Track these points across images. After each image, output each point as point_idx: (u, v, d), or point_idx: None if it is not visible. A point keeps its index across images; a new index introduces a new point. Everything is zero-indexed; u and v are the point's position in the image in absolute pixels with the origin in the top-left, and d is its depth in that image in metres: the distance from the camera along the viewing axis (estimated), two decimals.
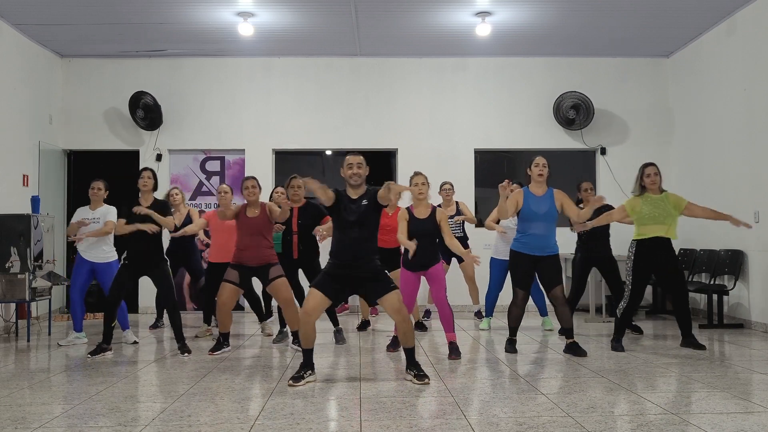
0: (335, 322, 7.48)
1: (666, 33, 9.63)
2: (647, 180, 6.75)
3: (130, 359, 6.49)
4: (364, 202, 5.32)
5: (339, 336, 7.37)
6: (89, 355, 6.57)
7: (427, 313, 9.35)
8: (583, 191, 8.08)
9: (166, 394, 4.97)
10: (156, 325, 8.68)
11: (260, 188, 6.83)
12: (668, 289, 6.80)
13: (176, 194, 8.57)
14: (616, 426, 4.05)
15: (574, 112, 10.38)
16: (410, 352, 5.44)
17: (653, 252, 6.67)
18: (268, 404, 4.65)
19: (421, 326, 8.16)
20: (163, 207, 6.88)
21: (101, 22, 9.02)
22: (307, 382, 5.28)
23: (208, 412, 4.47)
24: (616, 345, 6.76)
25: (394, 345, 6.79)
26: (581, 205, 7.92)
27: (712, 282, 8.79)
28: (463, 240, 8.71)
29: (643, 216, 6.68)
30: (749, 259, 8.42)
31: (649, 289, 10.22)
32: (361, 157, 5.44)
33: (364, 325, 8.37)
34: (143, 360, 6.47)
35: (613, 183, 10.21)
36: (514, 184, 7.13)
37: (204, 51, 10.35)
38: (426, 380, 5.27)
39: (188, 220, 8.48)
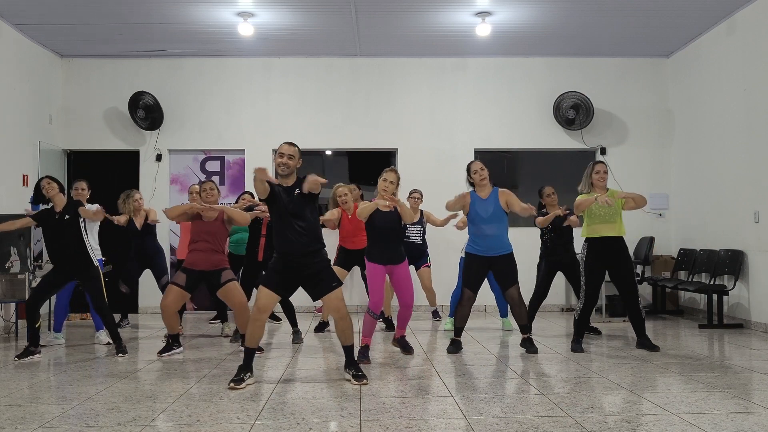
0: (294, 323, 7.54)
1: (666, 33, 9.63)
2: (596, 177, 6.79)
3: (129, 359, 6.49)
4: (297, 191, 5.26)
5: (297, 337, 7.40)
6: (16, 358, 6.48)
7: (435, 314, 9.28)
8: (545, 196, 7.96)
9: (166, 394, 4.97)
10: (119, 325, 8.59)
11: (219, 192, 6.85)
12: (620, 290, 6.80)
13: (139, 200, 8.34)
14: (616, 426, 4.05)
15: (573, 112, 10.38)
16: (348, 350, 5.41)
17: (605, 251, 6.69)
18: (268, 404, 4.65)
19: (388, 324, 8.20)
20: (75, 204, 6.69)
21: (101, 22, 9.02)
22: (247, 384, 5.20)
23: (208, 412, 4.47)
24: (575, 346, 6.73)
25: (364, 355, 6.72)
26: (544, 210, 7.89)
27: (712, 282, 8.79)
28: (422, 247, 8.59)
29: (592, 215, 6.72)
30: (749, 259, 8.42)
31: (648, 289, 10.23)
32: (295, 148, 5.34)
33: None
34: (143, 360, 6.47)
35: (613, 183, 10.18)
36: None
37: (204, 51, 10.35)
38: (364, 380, 5.24)
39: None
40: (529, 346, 6.66)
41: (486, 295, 8.61)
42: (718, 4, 8.52)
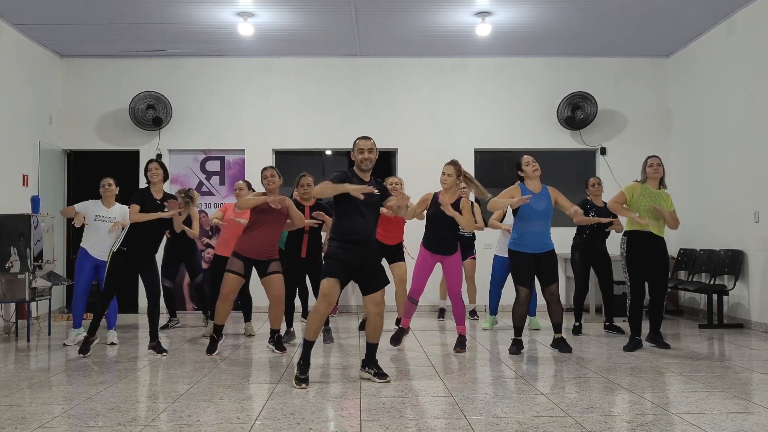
0: (326, 321, 7.47)
1: (666, 33, 9.62)
2: (650, 170, 6.82)
3: (130, 359, 6.49)
4: (377, 192, 5.31)
5: (327, 336, 7.39)
6: (80, 354, 6.55)
7: (441, 312, 9.30)
8: (589, 186, 8.11)
9: (166, 394, 4.97)
10: (167, 326, 8.65)
11: (280, 177, 6.71)
12: (650, 286, 6.83)
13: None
14: (616, 426, 4.05)
15: (581, 112, 10.39)
16: (373, 348, 5.47)
17: (646, 246, 6.70)
18: (268, 404, 4.65)
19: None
20: (172, 200, 6.77)
21: (101, 22, 9.02)
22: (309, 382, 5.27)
23: (208, 412, 4.47)
24: (629, 344, 6.76)
25: (460, 345, 6.75)
26: (588, 197, 8.09)
27: (712, 282, 8.79)
28: (471, 239, 8.75)
29: (638, 207, 6.72)
30: (749, 259, 8.41)
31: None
32: (371, 141, 5.45)
33: (365, 325, 8.33)
34: (143, 360, 6.47)
35: (613, 183, 10.19)
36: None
37: (204, 51, 10.35)
38: (387, 379, 5.32)
39: (187, 221, 8.45)
40: (562, 345, 6.65)
41: (486, 296, 8.66)
42: (718, 4, 8.52)
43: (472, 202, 8.75)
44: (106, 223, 7.31)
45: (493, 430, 3.98)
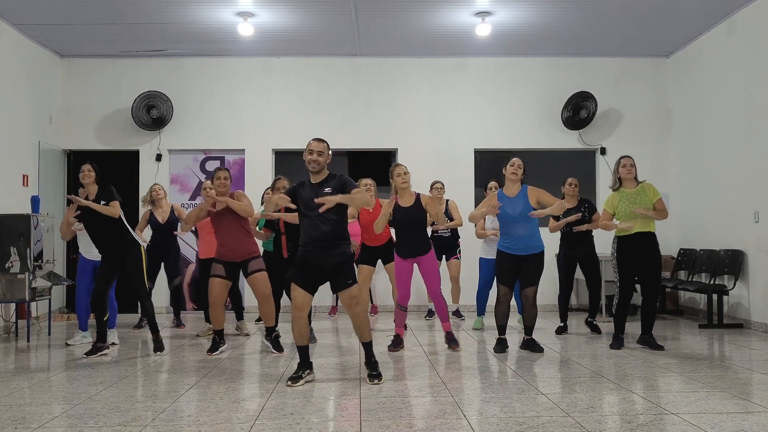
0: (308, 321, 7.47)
1: (666, 33, 9.63)
2: (622, 170, 6.80)
3: (129, 359, 6.49)
4: (328, 189, 5.26)
5: (310, 335, 7.36)
6: (85, 355, 6.56)
7: (430, 313, 9.34)
8: (566, 185, 8.01)
9: (166, 394, 4.97)
10: (140, 325, 8.60)
11: (231, 180, 6.73)
12: (641, 284, 6.81)
13: (158, 190, 8.57)
14: (616, 426, 4.05)
15: (585, 112, 10.40)
16: (367, 347, 5.46)
17: (635, 247, 6.70)
18: (268, 404, 4.65)
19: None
20: (107, 192, 6.55)
21: (101, 22, 9.02)
22: (306, 381, 5.28)
23: (208, 412, 4.47)
24: (614, 343, 6.79)
25: (395, 345, 6.79)
26: (562, 198, 7.98)
27: (712, 282, 8.79)
28: (451, 239, 8.75)
29: (620, 213, 6.72)
30: (749, 259, 8.41)
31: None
32: (324, 144, 5.42)
33: None
34: (143, 360, 6.47)
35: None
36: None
37: (204, 51, 10.35)
38: (375, 381, 5.29)
39: (173, 217, 8.47)
40: (533, 346, 6.65)
41: (472, 296, 8.64)
42: (718, 4, 8.52)
43: (447, 200, 8.80)
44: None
45: (493, 430, 3.99)
